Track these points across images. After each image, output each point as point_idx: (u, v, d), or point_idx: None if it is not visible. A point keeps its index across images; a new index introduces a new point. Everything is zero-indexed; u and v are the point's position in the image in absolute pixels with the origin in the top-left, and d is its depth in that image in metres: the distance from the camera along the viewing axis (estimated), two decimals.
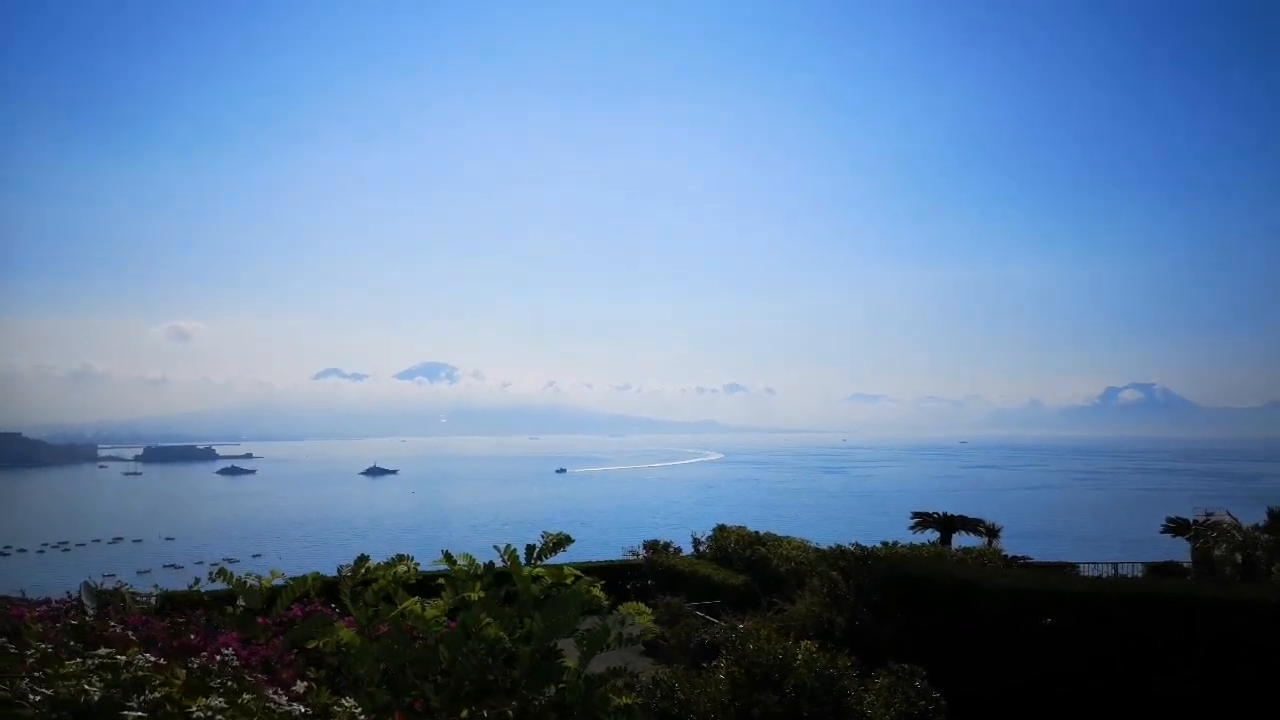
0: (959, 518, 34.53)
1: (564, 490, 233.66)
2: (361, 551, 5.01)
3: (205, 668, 2.64)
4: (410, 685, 3.61)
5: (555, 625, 3.55)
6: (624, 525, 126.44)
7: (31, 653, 2.64)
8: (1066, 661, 14.33)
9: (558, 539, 4.42)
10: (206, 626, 4.20)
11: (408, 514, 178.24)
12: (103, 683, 2.27)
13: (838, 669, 13.66)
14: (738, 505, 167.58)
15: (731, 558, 28.48)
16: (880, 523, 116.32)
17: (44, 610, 3.78)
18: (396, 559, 4.51)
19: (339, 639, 3.58)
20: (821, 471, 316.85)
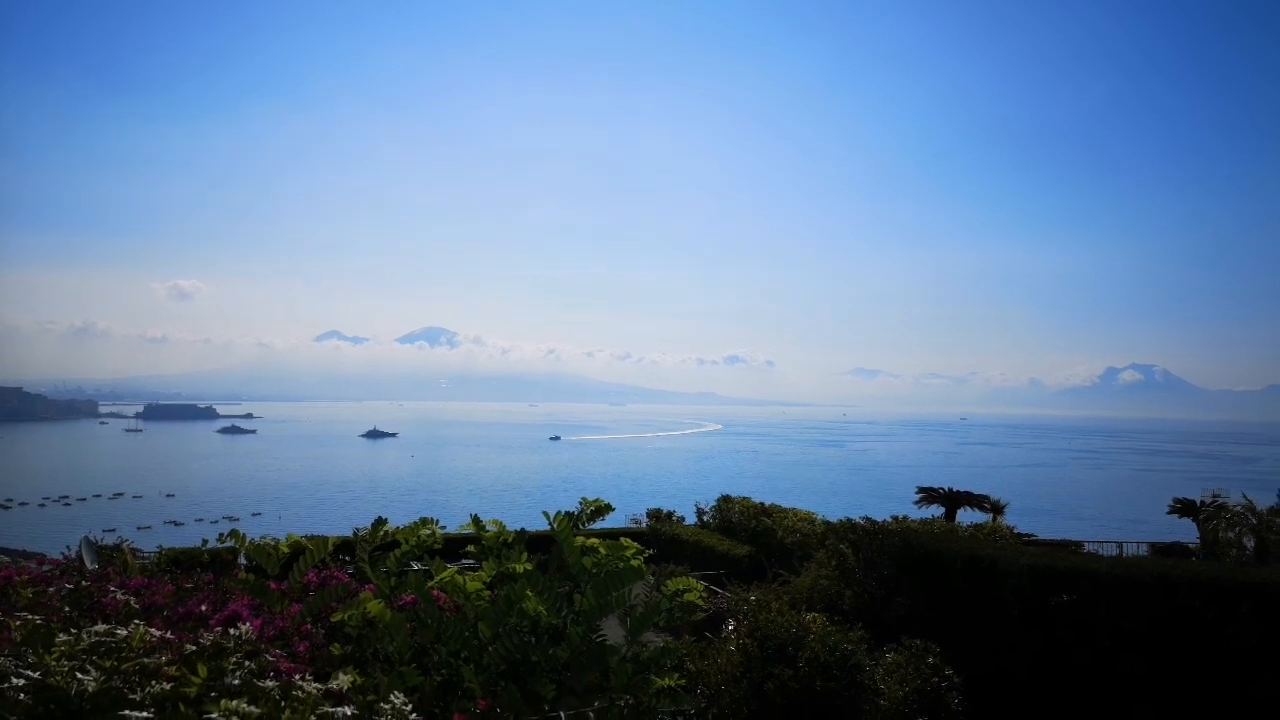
0: (964, 493, 34.25)
1: (561, 458, 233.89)
2: (360, 513, 4.69)
3: (220, 645, 2.27)
4: (441, 663, 3.26)
5: (607, 602, 3.18)
6: (623, 493, 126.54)
7: (18, 624, 2.28)
8: (1088, 642, 14.05)
9: (597, 505, 4.07)
10: (214, 591, 3.84)
11: (407, 477, 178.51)
12: (100, 670, 1.90)
13: (851, 643, 13.37)
14: (736, 476, 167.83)
15: (736, 528, 28.23)
16: (878, 497, 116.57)
17: (36, 572, 3.43)
18: (420, 522, 4.14)
19: (367, 611, 3.22)
20: (820, 445, 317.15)
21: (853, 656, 12.68)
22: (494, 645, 3.07)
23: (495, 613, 3.13)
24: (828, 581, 19.34)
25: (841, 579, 19.03)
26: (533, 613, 3.14)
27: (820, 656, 12.25)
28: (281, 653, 2.82)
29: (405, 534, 4.04)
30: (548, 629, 3.21)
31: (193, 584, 3.65)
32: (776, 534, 26.54)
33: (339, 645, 3.15)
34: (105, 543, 19.88)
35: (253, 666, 2.34)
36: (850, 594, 18.63)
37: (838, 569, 19.36)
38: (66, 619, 2.73)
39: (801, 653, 12.28)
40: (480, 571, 3.36)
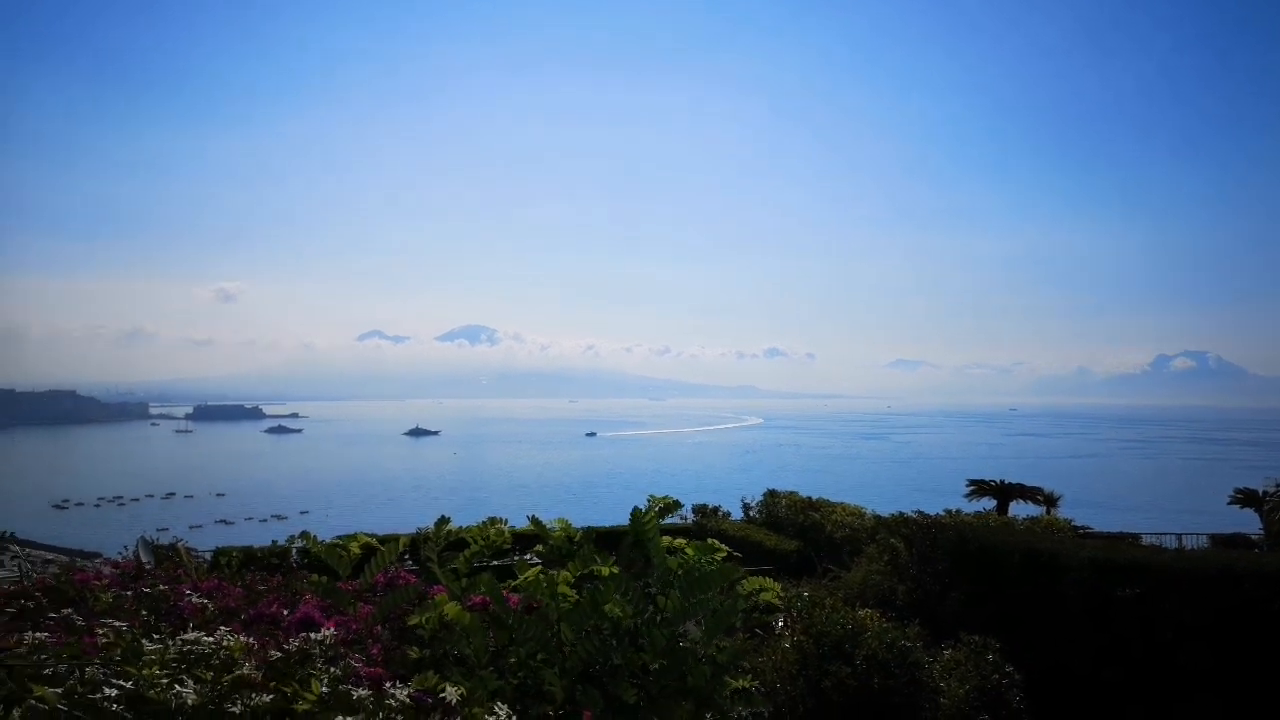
0: (1016, 485, 33.58)
1: (601, 453, 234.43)
2: (405, 511, 4.63)
3: (305, 651, 2.20)
4: (519, 665, 3.17)
5: (693, 605, 3.07)
6: (664, 489, 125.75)
7: (103, 632, 2.23)
8: (1149, 635, 13.66)
9: (666, 503, 3.96)
10: (284, 592, 3.80)
11: (450, 475, 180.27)
12: (199, 682, 1.83)
13: (908, 640, 13.11)
14: (778, 470, 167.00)
15: (783, 523, 27.99)
16: (925, 490, 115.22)
17: (113, 575, 3.41)
18: (489, 521, 4.07)
19: (444, 613, 3.14)
20: (862, 437, 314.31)
21: (911, 653, 12.43)
22: (576, 647, 2.98)
23: (579, 614, 3.03)
24: (880, 577, 19.05)
25: (894, 574, 18.73)
26: (616, 614, 3.04)
27: (878, 654, 12.03)
28: (360, 657, 2.75)
29: (474, 533, 3.97)
30: (628, 631, 3.11)
31: (265, 587, 3.62)
32: (825, 528, 26.26)
33: (416, 648, 3.08)
34: (160, 542, 20.26)
35: (337, 672, 2.26)
36: (904, 589, 18.32)
37: (890, 564, 19.06)
38: (146, 625, 2.68)
39: (858, 650, 12.07)
40: (565, 573, 3.26)
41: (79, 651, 2.03)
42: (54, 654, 2.07)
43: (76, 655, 1.99)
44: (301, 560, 18.44)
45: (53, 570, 4.33)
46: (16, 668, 1.87)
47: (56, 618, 2.63)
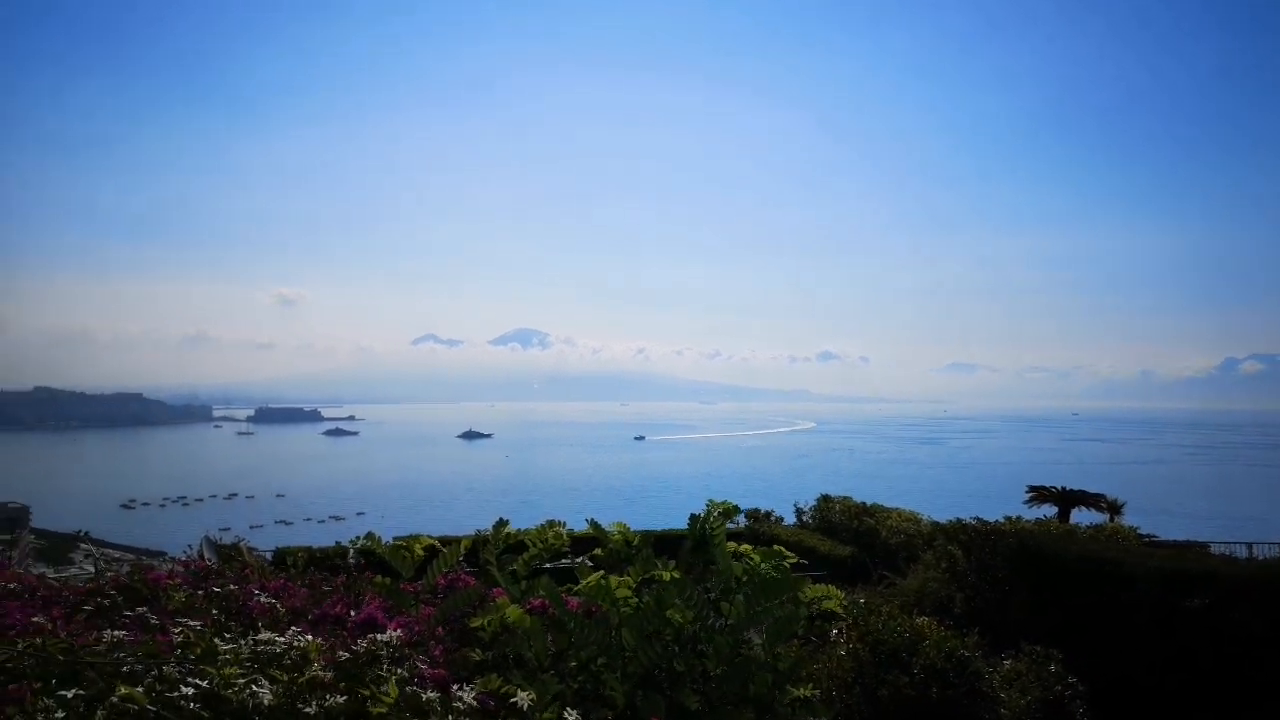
0: (1078, 492, 32.76)
1: (652, 456, 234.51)
2: (458, 513, 4.67)
3: (373, 653, 2.22)
4: (579, 669, 3.16)
5: (758, 613, 3.03)
6: (714, 493, 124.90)
7: (178, 631, 2.27)
8: (1218, 646, 13.21)
9: (725, 507, 3.92)
10: (348, 593, 3.85)
11: (502, 477, 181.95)
12: (275, 682, 1.86)
13: (968, 649, 12.82)
14: (831, 475, 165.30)
15: (837, 528, 27.68)
16: (981, 496, 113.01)
17: (184, 575, 3.48)
18: (547, 524, 4.07)
19: (505, 616, 3.14)
20: (917, 442, 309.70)
21: (970, 663, 12.18)
22: (637, 652, 2.96)
23: (640, 619, 3.01)
24: (937, 584, 18.72)
25: (952, 581, 18.39)
26: (678, 620, 3.01)
27: (936, 663, 11.80)
28: (424, 658, 2.77)
29: (532, 536, 3.98)
30: (690, 637, 3.08)
31: (330, 588, 3.67)
32: (880, 534, 25.90)
33: (478, 650, 3.09)
34: (223, 542, 20.75)
35: (404, 674, 2.28)
36: (962, 597, 17.98)
37: (947, 571, 18.71)
38: (217, 624, 2.73)
39: (916, 658, 11.85)
40: (627, 577, 3.25)
41: (156, 650, 2.07)
42: (131, 652, 2.12)
43: (154, 654, 2.03)
44: (358, 561, 18.76)
45: (122, 569, 4.45)
46: (97, 665, 1.92)
47: (132, 616, 2.70)
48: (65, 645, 2.17)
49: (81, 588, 3.31)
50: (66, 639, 2.26)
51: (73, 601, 3.32)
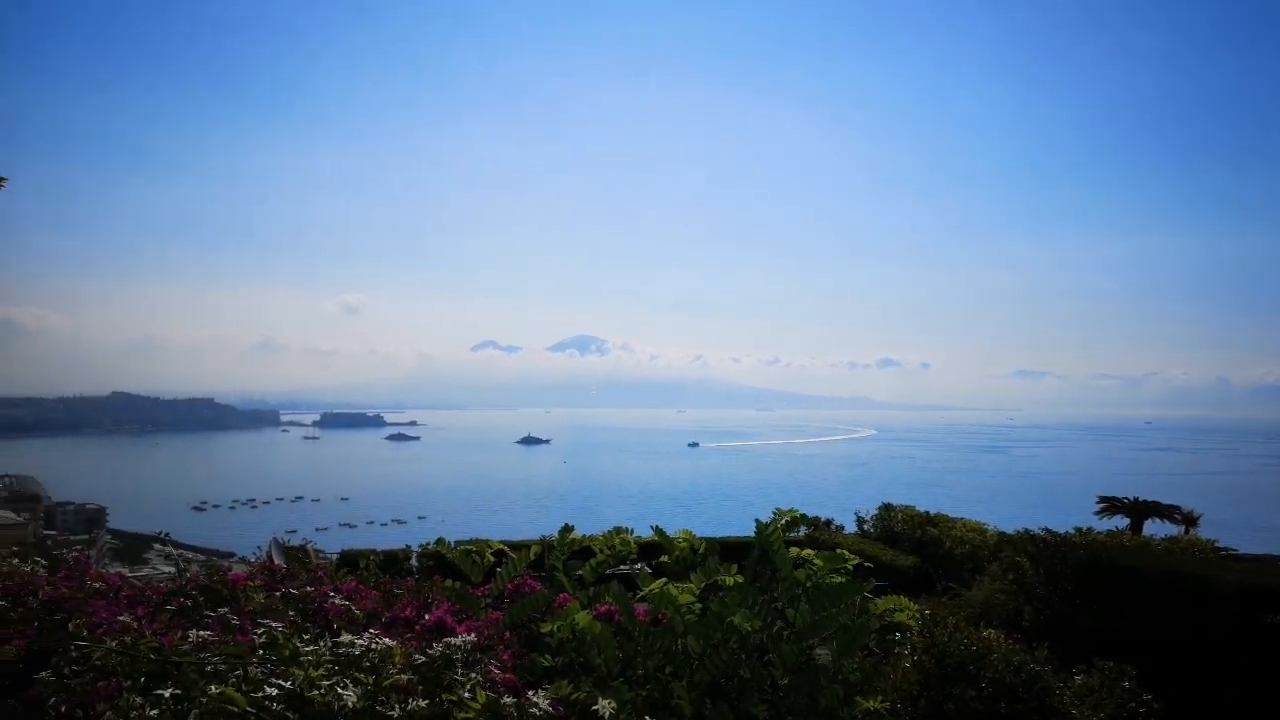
0: (1151, 503, 31.69)
1: (709, 463, 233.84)
2: (517, 518, 4.69)
3: (448, 656, 2.24)
4: (647, 677, 3.15)
5: (823, 620, 2.99)
6: (772, 500, 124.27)
7: (260, 632, 2.33)
8: None
9: (792, 515, 3.88)
10: (417, 596, 3.90)
11: (560, 482, 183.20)
12: (360, 685, 1.89)
13: (1037, 663, 12.46)
14: (892, 484, 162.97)
15: (899, 538, 27.22)
16: (1048, 507, 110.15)
17: (262, 576, 3.57)
18: (614, 531, 4.07)
19: (574, 622, 3.15)
20: (981, 451, 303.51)
21: (1040, 678, 11.84)
22: (703, 660, 2.94)
23: (705, 627, 3.00)
24: (1004, 596, 18.27)
25: (1020, 594, 17.93)
26: (743, 627, 2.98)
27: (1005, 677, 11.51)
28: (495, 663, 2.79)
29: (599, 543, 3.98)
30: (756, 646, 3.05)
31: (401, 591, 3.72)
32: (944, 544, 25.41)
33: (548, 656, 3.10)
34: (290, 544, 21.23)
35: (477, 678, 2.29)
36: (1030, 610, 17.52)
37: (1015, 583, 18.26)
38: (295, 625, 2.79)
39: (983, 672, 11.58)
40: (690, 583, 3.24)
41: (241, 651, 2.12)
42: (215, 652, 2.17)
43: (239, 654, 2.08)
44: (421, 564, 19.03)
45: (194, 569, 4.56)
46: (185, 664, 1.97)
47: (214, 616, 2.77)
48: (155, 644, 2.24)
49: (163, 587, 3.41)
50: (154, 638, 2.33)
51: (156, 601, 3.42)
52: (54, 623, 3.61)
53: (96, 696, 2.44)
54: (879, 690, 3.72)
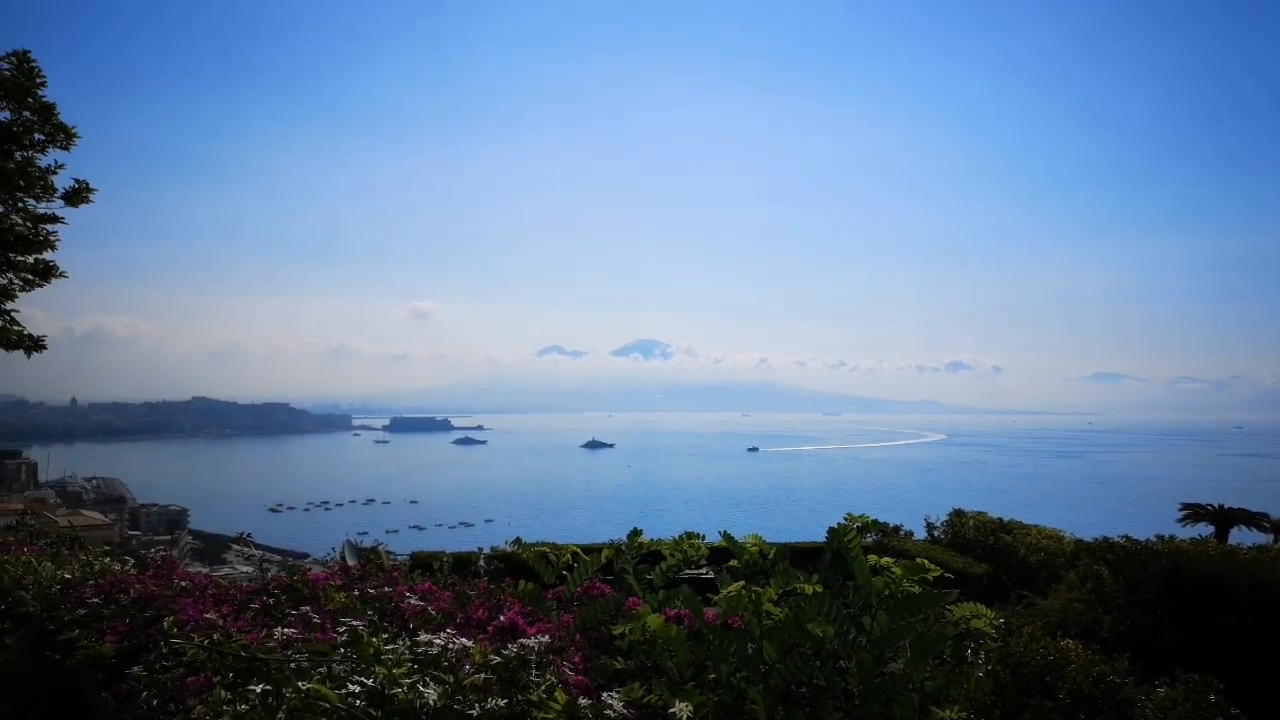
0: (1238, 510, 30.36)
1: (775, 468, 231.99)
2: (581, 521, 4.71)
3: (523, 658, 2.27)
4: (721, 682, 3.14)
5: (900, 629, 2.94)
6: (838, 505, 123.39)
7: (341, 630, 2.39)
8: None
9: (864, 521, 3.83)
10: (489, 598, 3.95)
11: (624, 485, 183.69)
12: (441, 684, 1.93)
13: (1117, 675, 12.02)
14: (963, 489, 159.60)
15: (970, 544, 26.58)
16: (1128, 513, 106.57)
17: (342, 576, 3.67)
18: (685, 536, 4.08)
19: (646, 626, 3.16)
20: (1056, 456, 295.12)
21: (1121, 689, 11.45)
22: (779, 666, 2.92)
23: (783, 632, 2.97)
24: (1082, 605, 17.71)
25: (1098, 603, 17.37)
26: (819, 634, 2.96)
27: (1083, 688, 11.16)
28: (568, 665, 2.81)
29: (669, 547, 3.99)
30: (831, 653, 3.02)
31: (475, 592, 3.78)
32: (1018, 552, 24.73)
33: (620, 659, 3.12)
34: (363, 545, 21.70)
35: (551, 679, 2.32)
36: (1109, 620, 16.95)
37: (1093, 592, 17.69)
38: (373, 624, 2.85)
39: (1061, 683, 11.25)
40: (769, 589, 3.22)
41: (324, 649, 2.18)
42: (299, 649, 2.24)
43: (323, 652, 2.14)
44: (489, 566, 19.31)
45: (274, 570, 4.70)
46: (271, 661, 2.03)
47: (296, 615, 2.86)
48: (243, 642, 2.31)
49: (247, 586, 3.53)
50: (241, 635, 2.41)
51: (240, 600, 3.54)
52: (145, 619, 3.76)
53: (186, 691, 2.54)
54: (953, 699, 3.65)
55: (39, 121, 15.17)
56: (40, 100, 14.96)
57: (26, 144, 15.20)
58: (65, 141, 15.55)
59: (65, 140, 15.53)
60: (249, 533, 11.75)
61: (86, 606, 4.29)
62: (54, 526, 18.94)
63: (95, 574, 5.25)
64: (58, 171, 15.75)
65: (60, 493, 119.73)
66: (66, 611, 4.44)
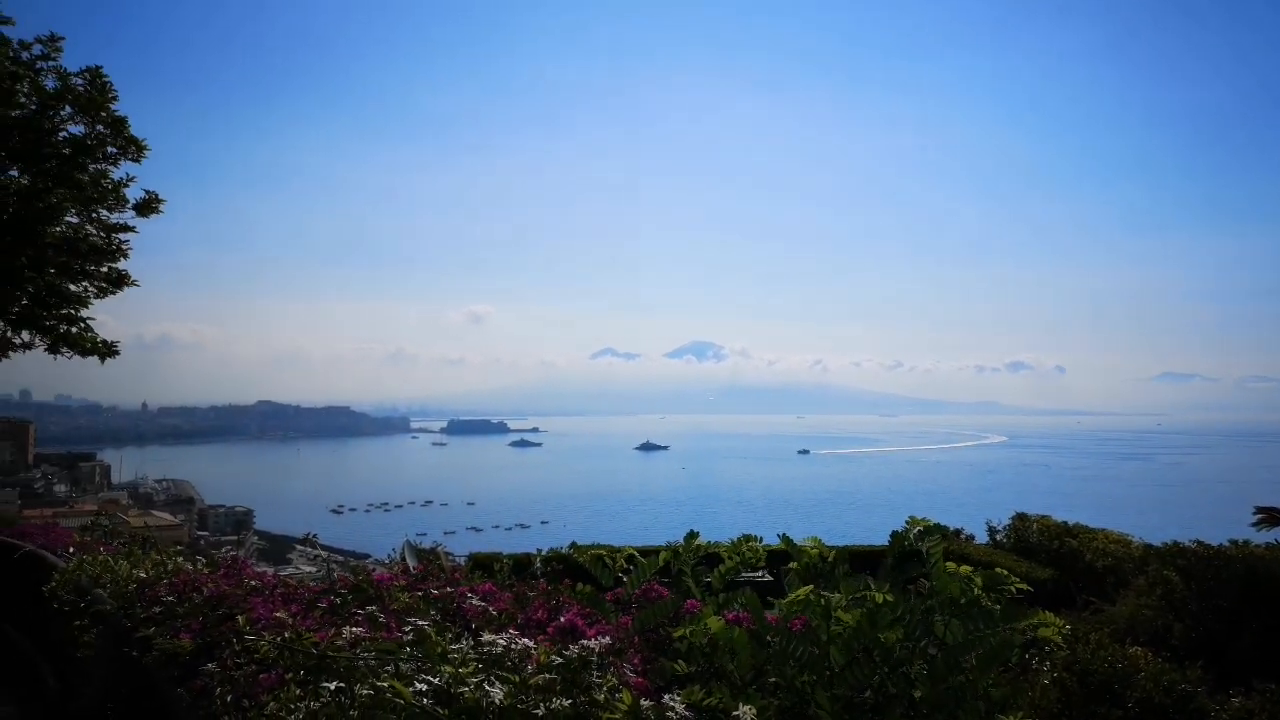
0: None
1: (830, 470, 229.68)
2: (634, 524, 4.71)
3: (584, 659, 2.29)
4: (784, 686, 3.12)
5: (975, 639, 2.88)
6: (897, 508, 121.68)
7: (407, 630, 2.44)
8: None
9: (924, 524, 3.77)
10: (548, 599, 3.99)
11: (678, 488, 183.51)
12: (508, 684, 1.96)
13: (1189, 683, 11.67)
14: (1025, 492, 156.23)
15: (1034, 549, 25.98)
16: (1198, 517, 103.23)
17: (406, 577, 3.74)
18: (743, 538, 4.06)
19: (707, 628, 3.16)
20: (1121, 458, 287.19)
21: (1193, 699, 11.10)
22: (846, 672, 2.89)
23: (853, 638, 2.94)
24: (1151, 612, 17.20)
25: (1169, 610, 16.85)
26: (889, 641, 2.92)
27: (1154, 697, 10.83)
28: (628, 667, 2.82)
29: (727, 549, 3.98)
30: (900, 659, 2.98)
31: (535, 593, 3.83)
32: (1084, 557, 24.10)
33: (683, 663, 3.12)
34: (421, 546, 22.03)
35: (613, 680, 2.33)
36: (1180, 627, 16.44)
37: (1163, 598, 17.16)
38: (437, 625, 2.90)
39: (1130, 692, 10.93)
40: (838, 594, 3.19)
41: (391, 648, 2.23)
42: (366, 648, 2.29)
43: (390, 650, 2.19)
44: (546, 568, 19.46)
45: (339, 571, 4.79)
46: (340, 659, 2.08)
47: (363, 614, 2.92)
48: (313, 640, 2.37)
49: (314, 586, 3.61)
50: (311, 633, 2.47)
51: (308, 599, 3.63)
52: (217, 618, 3.87)
53: (259, 688, 2.61)
54: (1019, 707, 3.57)
55: (111, 135, 15.77)
56: (113, 114, 15.56)
57: (100, 157, 15.82)
58: (136, 154, 16.15)
59: (136, 153, 16.13)
60: (315, 534, 11.92)
61: (161, 605, 4.44)
62: (127, 527, 19.63)
63: (169, 573, 5.42)
64: (130, 184, 16.38)
65: (132, 494, 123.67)
66: (142, 610, 4.60)
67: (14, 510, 56.22)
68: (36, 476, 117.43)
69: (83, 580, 6.30)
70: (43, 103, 14.87)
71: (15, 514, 35.72)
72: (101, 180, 16.00)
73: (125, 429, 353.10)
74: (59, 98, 14.95)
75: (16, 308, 16.12)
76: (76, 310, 16.78)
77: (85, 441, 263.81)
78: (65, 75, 15.00)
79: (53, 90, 14.91)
